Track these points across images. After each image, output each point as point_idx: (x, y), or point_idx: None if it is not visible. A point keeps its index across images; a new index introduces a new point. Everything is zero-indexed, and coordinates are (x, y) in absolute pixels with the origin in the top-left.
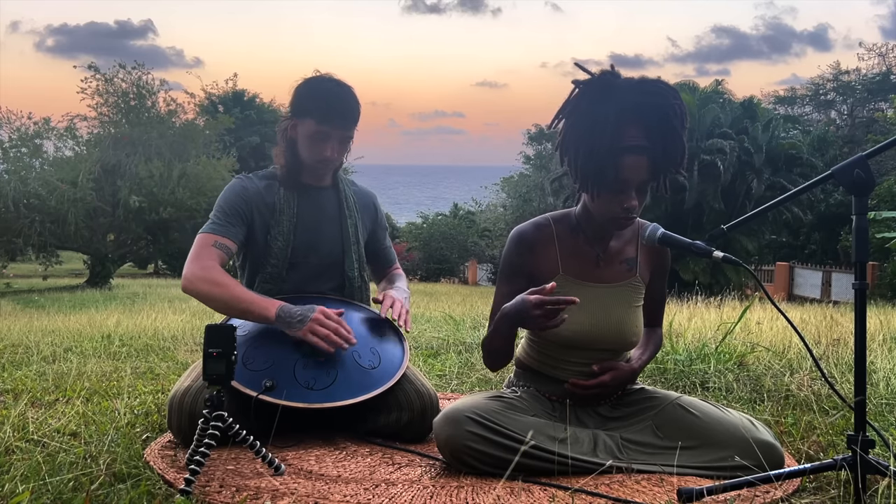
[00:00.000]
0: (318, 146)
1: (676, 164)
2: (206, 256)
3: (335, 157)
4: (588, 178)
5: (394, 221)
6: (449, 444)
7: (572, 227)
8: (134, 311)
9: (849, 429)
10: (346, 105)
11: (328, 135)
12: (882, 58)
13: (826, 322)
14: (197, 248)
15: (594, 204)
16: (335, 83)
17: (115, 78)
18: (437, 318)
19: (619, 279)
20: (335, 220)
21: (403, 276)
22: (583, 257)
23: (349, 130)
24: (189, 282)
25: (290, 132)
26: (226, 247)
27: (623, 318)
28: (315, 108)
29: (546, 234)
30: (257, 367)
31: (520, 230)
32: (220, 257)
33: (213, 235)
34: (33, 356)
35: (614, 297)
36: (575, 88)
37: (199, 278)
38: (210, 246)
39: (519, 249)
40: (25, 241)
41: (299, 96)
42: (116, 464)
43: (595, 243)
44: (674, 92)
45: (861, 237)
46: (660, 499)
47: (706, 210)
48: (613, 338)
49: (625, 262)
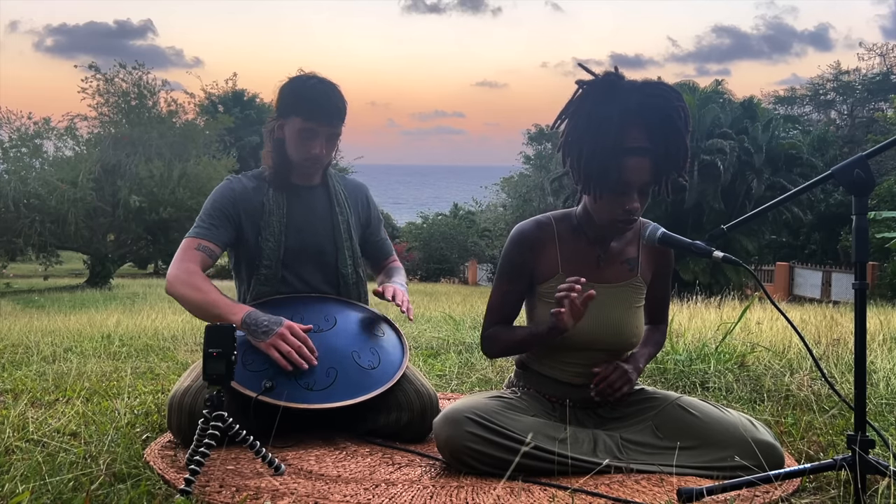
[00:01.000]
0: (306, 144)
1: (679, 167)
2: (188, 259)
3: (323, 155)
4: (590, 179)
5: (394, 221)
6: (449, 445)
7: (574, 226)
8: (134, 311)
9: (849, 429)
10: (332, 102)
11: (315, 132)
12: (882, 58)
13: (826, 322)
14: (181, 251)
15: (596, 206)
16: (320, 80)
17: (116, 78)
18: (437, 318)
19: (619, 279)
20: (326, 218)
21: (402, 269)
22: (583, 257)
23: (336, 127)
24: (171, 284)
25: (276, 132)
26: (209, 249)
27: (623, 319)
28: (301, 105)
29: (547, 233)
30: (257, 368)
31: (521, 228)
32: (203, 260)
33: (196, 239)
34: (33, 356)
35: (615, 298)
36: (578, 89)
37: (179, 280)
38: (193, 249)
39: (520, 248)
40: (25, 241)
41: (285, 95)
42: (116, 464)
43: (596, 244)
44: (677, 94)
45: (861, 237)
46: (660, 499)
47: (706, 210)
48: (613, 338)
49: (626, 262)
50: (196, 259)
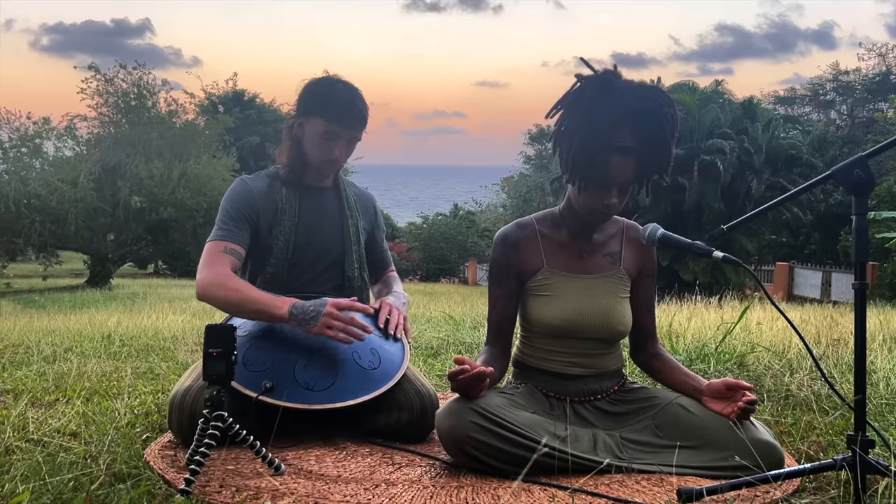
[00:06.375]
0: (327, 146)
1: (661, 170)
2: (217, 263)
3: (342, 158)
4: (576, 170)
5: (394, 221)
6: (451, 435)
7: (556, 223)
8: (134, 312)
9: (849, 429)
10: (356, 107)
11: (338, 135)
12: (882, 58)
13: (826, 322)
14: (207, 255)
15: (578, 197)
16: (345, 84)
17: (116, 78)
18: (437, 318)
19: (603, 271)
20: (336, 220)
21: (398, 279)
22: (566, 250)
23: (358, 132)
24: (203, 289)
25: (296, 130)
26: (236, 251)
27: (609, 307)
28: (326, 107)
29: (529, 232)
30: (257, 368)
31: (503, 231)
32: (232, 263)
33: (222, 242)
34: (33, 356)
35: (599, 288)
36: (577, 82)
37: (213, 284)
38: (221, 252)
39: (504, 249)
40: (26, 242)
41: (309, 95)
42: (116, 464)
43: (578, 236)
44: (669, 101)
45: (861, 237)
46: (660, 499)
47: (706, 210)
48: (599, 326)
49: (608, 255)
50: (225, 262)
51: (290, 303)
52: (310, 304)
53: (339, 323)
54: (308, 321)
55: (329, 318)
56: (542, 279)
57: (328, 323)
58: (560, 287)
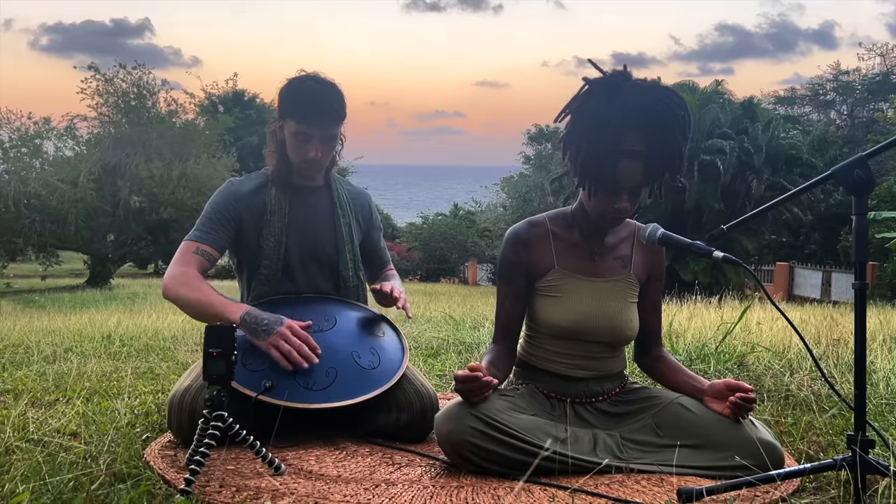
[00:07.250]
0: (302, 147)
1: (673, 172)
2: (185, 262)
3: (319, 157)
4: (585, 175)
5: (394, 222)
6: (450, 439)
7: (568, 223)
8: (134, 311)
9: (849, 429)
10: (325, 104)
11: (309, 135)
12: (882, 58)
13: (826, 322)
14: (178, 254)
15: (589, 201)
16: (315, 81)
17: (116, 78)
18: (437, 318)
19: (613, 274)
20: (328, 219)
21: (398, 276)
22: (577, 252)
23: (331, 129)
24: (166, 286)
25: (278, 133)
26: (207, 253)
27: (617, 311)
28: (295, 108)
29: (541, 231)
30: (257, 368)
31: (515, 229)
32: (201, 264)
33: (195, 242)
34: (33, 356)
35: (609, 291)
36: (584, 86)
37: (177, 282)
38: (191, 253)
39: (515, 248)
40: (25, 242)
41: (282, 97)
42: (116, 464)
43: (590, 238)
44: (680, 101)
45: (861, 237)
46: (660, 499)
47: (706, 210)
48: (607, 330)
49: (619, 258)
50: (193, 262)
51: (245, 309)
52: (265, 316)
53: (286, 346)
54: (259, 332)
55: (280, 338)
56: (552, 280)
57: (277, 343)
58: (569, 289)
